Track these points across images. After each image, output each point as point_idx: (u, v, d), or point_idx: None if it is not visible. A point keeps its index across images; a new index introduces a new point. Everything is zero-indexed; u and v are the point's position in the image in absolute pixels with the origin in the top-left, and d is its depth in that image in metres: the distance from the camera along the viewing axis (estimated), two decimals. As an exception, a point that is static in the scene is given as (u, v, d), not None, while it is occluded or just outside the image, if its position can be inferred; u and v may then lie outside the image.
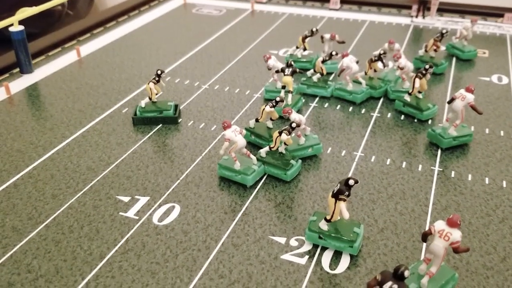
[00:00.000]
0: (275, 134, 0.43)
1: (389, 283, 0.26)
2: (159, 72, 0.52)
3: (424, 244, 0.35)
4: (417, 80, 0.51)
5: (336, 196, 0.34)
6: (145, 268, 0.35)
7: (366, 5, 0.86)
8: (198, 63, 0.67)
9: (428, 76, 0.51)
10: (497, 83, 0.60)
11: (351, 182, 0.33)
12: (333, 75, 0.61)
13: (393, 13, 0.84)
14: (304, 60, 0.63)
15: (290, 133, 0.42)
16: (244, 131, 0.42)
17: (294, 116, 0.44)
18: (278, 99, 0.46)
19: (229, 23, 0.82)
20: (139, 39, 0.77)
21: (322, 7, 0.88)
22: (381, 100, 0.56)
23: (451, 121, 0.46)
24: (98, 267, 0.35)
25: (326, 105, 0.56)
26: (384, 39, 0.66)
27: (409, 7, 0.81)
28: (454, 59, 0.66)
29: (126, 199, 0.41)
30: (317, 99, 0.57)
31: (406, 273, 0.26)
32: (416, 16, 0.79)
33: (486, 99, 0.56)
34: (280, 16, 0.85)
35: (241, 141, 0.42)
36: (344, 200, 0.34)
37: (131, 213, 0.40)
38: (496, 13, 0.78)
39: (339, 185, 0.34)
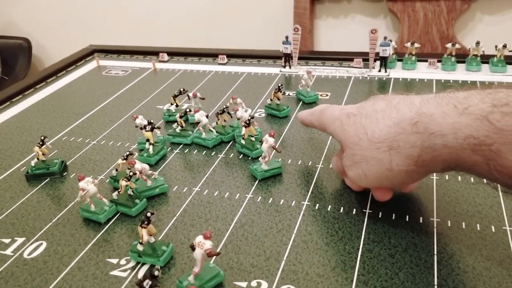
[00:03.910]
0: (121, 181, 0.57)
1: (147, 281, 0.39)
2: (42, 137, 0.66)
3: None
4: (243, 128, 0.65)
5: (141, 225, 0.47)
6: (9, 290, 0.47)
7: (249, 58, 1.02)
8: (93, 122, 0.81)
9: (255, 123, 0.66)
10: (326, 121, 0.75)
11: (148, 214, 0.47)
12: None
13: (269, 64, 1.00)
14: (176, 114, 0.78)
15: (129, 180, 0.56)
16: (96, 181, 0.56)
17: (137, 166, 0.58)
18: (127, 153, 0.60)
19: (131, 82, 0.97)
20: (52, 103, 0.90)
21: (213, 62, 1.03)
22: (230, 143, 0.70)
23: (263, 158, 0.61)
24: (-26, 292, 0.47)
25: (187, 150, 0.70)
26: (253, 88, 0.81)
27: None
28: (300, 103, 0.81)
29: (7, 240, 0.54)
30: (180, 146, 0.71)
31: (156, 273, 0.39)
32: (284, 67, 0.94)
33: (310, 135, 0.71)
34: (176, 72, 1.00)
35: (92, 189, 0.55)
36: (145, 228, 0.47)
37: (8, 251, 0.52)
38: (348, 58, 0.94)
39: (143, 217, 0.48)
